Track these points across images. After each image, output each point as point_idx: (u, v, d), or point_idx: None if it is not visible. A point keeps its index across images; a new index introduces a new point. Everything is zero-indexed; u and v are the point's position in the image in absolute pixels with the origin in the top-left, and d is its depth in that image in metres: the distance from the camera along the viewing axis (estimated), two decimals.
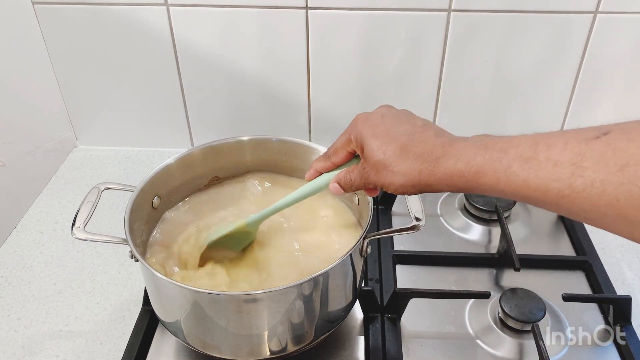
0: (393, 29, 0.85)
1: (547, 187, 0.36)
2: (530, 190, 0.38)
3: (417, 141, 0.45)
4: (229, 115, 0.96)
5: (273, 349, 0.57)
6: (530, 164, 0.37)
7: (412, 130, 0.46)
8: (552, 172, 0.36)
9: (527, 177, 0.37)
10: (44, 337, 0.67)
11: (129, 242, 0.54)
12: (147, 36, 0.87)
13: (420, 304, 0.69)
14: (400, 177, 0.45)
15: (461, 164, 0.42)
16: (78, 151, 1.03)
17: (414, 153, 0.44)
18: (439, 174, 0.43)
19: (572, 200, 0.36)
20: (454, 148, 0.43)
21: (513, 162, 0.38)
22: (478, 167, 0.40)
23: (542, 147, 0.37)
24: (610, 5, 0.80)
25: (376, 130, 0.48)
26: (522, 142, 0.39)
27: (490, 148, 0.40)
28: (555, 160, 0.36)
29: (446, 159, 0.43)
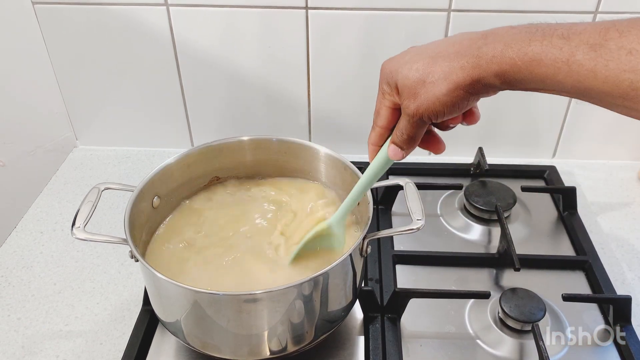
0: (393, 29, 0.85)
1: (618, 79, 0.32)
2: (597, 81, 0.33)
3: (451, 43, 0.40)
4: (229, 115, 0.97)
5: (273, 349, 0.57)
6: (599, 52, 0.33)
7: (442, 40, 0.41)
8: (625, 62, 0.32)
9: (595, 67, 0.33)
10: (44, 337, 0.67)
11: (129, 242, 0.54)
12: (147, 36, 0.87)
13: (420, 304, 0.69)
14: (440, 84, 0.39)
15: (512, 50, 0.36)
16: (78, 151, 1.03)
17: (448, 54, 0.39)
18: (484, 64, 0.37)
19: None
20: (500, 33, 0.37)
21: (577, 49, 0.34)
22: (533, 55, 0.35)
23: (613, 33, 0.33)
24: (610, 5, 0.81)
25: (402, 59, 0.43)
26: (587, 29, 0.34)
27: (547, 34, 0.35)
28: (630, 49, 0.32)
29: (492, 45, 0.37)
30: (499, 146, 0.96)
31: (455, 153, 0.96)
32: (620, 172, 0.95)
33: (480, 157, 0.90)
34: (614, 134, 0.95)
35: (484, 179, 0.87)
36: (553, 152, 0.98)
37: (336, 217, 0.59)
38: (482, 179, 0.88)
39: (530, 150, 0.97)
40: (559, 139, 0.96)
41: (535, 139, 0.96)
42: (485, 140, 0.93)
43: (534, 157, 0.98)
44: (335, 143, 0.74)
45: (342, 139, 0.95)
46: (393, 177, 0.68)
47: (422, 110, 0.41)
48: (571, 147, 0.97)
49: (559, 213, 0.85)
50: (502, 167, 0.92)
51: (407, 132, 0.45)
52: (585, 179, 0.94)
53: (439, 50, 0.40)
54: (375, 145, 0.50)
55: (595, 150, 0.97)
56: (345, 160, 0.66)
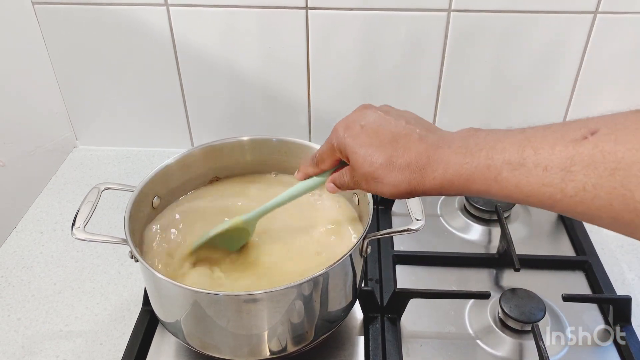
0: (393, 29, 0.85)
1: (539, 192, 0.36)
2: (523, 194, 0.37)
3: (402, 149, 0.44)
4: (229, 115, 0.97)
5: (273, 349, 0.57)
6: (520, 171, 0.37)
7: (394, 138, 0.45)
8: (542, 177, 0.36)
9: (519, 183, 0.37)
10: (44, 337, 0.67)
11: (129, 242, 0.54)
12: (147, 36, 0.87)
13: (420, 304, 0.69)
14: (390, 187, 0.45)
15: (449, 173, 0.42)
16: (78, 151, 1.03)
17: (399, 164, 0.44)
18: (427, 183, 0.43)
19: (565, 204, 0.35)
20: (439, 155, 0.42)
21: (502, 169, 0.38)
22: (467, 175, 0.40)
23: (529, 151, 0.37)
24: (610, 5, 0.80)
25: (358, 140, 0.47)
26: (507, 147, 0.38)
27: (475, 155, 0.40)
28: (545, 165, 0.36)
29: (433, 168, 0.43)
30: None
31: None
32: None
33: None
34: None
35: None
36: None
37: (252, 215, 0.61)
38: None
39: None
40: None
41: None
42: None
43: None
44: None
45: None
46: None
47: (369, 190, 0.48)
48: None
49: None
50: None
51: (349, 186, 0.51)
52: None
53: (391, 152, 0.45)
54: (307, 176, 0.57)
55: None
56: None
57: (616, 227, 0.34)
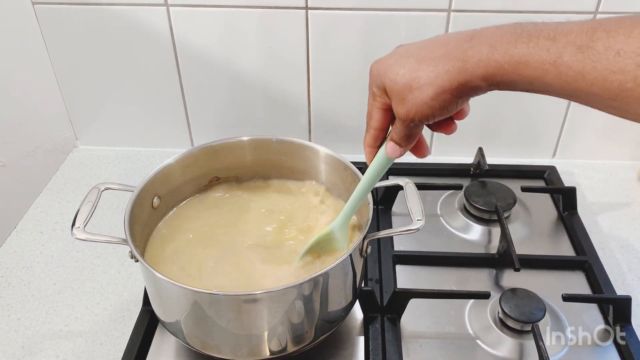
0: (393, 29, 0.85)
1: (607, 80, 0.32)
2: (585, 83, 0.33)
3: (437, 45, 0.39)
4: (229, 115, 0.96)
5: (273, 349, 0.57)
6: (587, 54, 0.32)
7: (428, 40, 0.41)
8: (613, 63, 0.32)
9: (583, 69, 0.33)
10: (44, 337, 0.67)
11: (128, 242, 0.54)
12: (147, 36, 0.87)
13: (420, 304, 0.69)
14: (427, 89, 0.39)
15: (498, 53, 0.36)
16: (78, 151, 1.03)
17: (434, 58, 0.39)
18: (470, 68, 0.37)
19: (634, 95, 0.31)
20: (485, 35, 0.37)
21: (564, 51, 0.33)
22: (520, 57, 0.35)
23: (600, 33, 0.33)
24: (610, 5, 0.80)
25: (389, 62, 0.43)
26: (574, 29, 0.34)
27: (534, 35, 0.35)
28: (618, 49, 0.32)
29: (477, 48, 0.37)
30: (499, 146, 0.96)
31: (455, 153, 0.96)
32: (620, 172, 0.95)
33: (480, 157, 0.90)
34: (614, 133, 0.95)
35: (484, 179, 0.87)
36: (553, 152, 0.98)
37: (338, 222, 0.59)
38: (482, 179, 0.88)
39: (530, 151, 0.97)
40: (559, 139, 0.96)
41: (535, 139, 0.96)
42: (485, 140, 0.93)
43: (534, 157, 0.98)
44: (335, 143, 0.74)
45: (342, 139, 0.95)
46: (393, 177, 0.68)
47: (412, 114, 0.42)
48: (571, 147, 0.97)
49: (559, 213, 0.85)
50: (502, 167, 0.91)
51: (402, 132, 0.46)
52: (585, 179, 0.94)
53: (424, 53, 0.40)
54: (372, 147, 0.51)
55: (595, 150, 0.97)
56: (345, 160, 0.66)
57: None
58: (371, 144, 0.50)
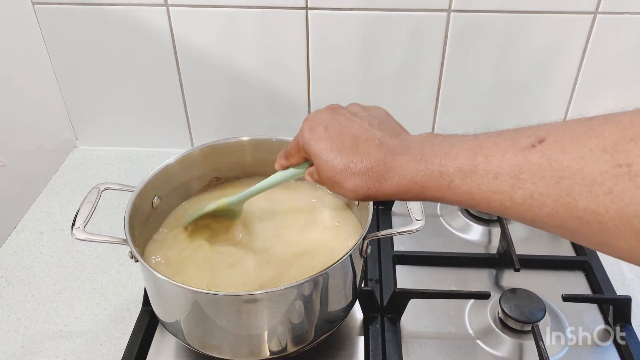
0: (393, 29, 0.85)
1: (490, 199, 0.37)
2: (475, 201, 0.38)
3: (361, 155, 0.45)
4: (229, 115, 0.97)
5: (273, 349, 0.57)
6: (472, 178, 0.38)
7: (355, 142, 0.46)
8: (493, 185, 0.36)
9: (470, 190, 0.38)
10: (44, 337, 0.67)
11: (129, 242, 0.54)
12: (147, 36, 0.87)
13: (420, 304, 0.69)
14: (350, 192, 0.46)
15: (405, 180, 0.43)
16: (78, 151, 1.03)
17: (358, 170, 0.45)
18: (385, 189, 0.44)
19: (514, 211, 0.36)
20: (396, 162, 0.43)
21: (454, 176, 0.39)
22: (422, 183, 0.41)
23: (480, 158, 0.37)
24: (610, 5, 0.80)
25: (321, 144, 0.48)
26: (460, 154, 0.39)
27: (430, 162, 0.41)
28: (495, 173, 0.36)
29: (390, 175, 0.44)
30: None
31: None
32: None
33: None
34: None
35: None
36: None
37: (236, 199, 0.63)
38: None
39: None
40: None
41: None
42: None
43: None
44: None
45: None
46: None
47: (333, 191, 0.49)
48: None
49: None
50: None
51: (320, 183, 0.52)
52: None
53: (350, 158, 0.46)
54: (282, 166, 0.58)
55: None
56: None
57: (563, 234, 0.35)
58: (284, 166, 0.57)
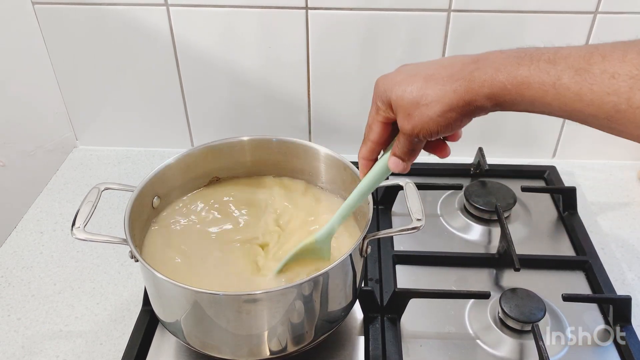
0: (393, 29, 0.85)
1: (602, 101, 0.34)
2: (583, 104, 0.35)
3: (443, 66, 0.41)
4: (229, 115, 0.97)
5: (273, 349, 0.57)
6: (584, 77, 0.35)
7: (433, 62, 0.43)
8: (608, 85, 0.34)
9: (580, 90, 0.35)
10: (44, 337, 0.67)
11: (129, 242, 0.54)
12: (147, 36, 0.87)
13: (420, 304, 0.69)
14: (434, 106, 0.41)
15: (502, 75, 0.38)
16: (78, 151, 1.03)
17: (441, 77, 0.41)
18: (476, 87, 0.39)
19: (628, 116, 0.33)
20: (490, 58, 0.40)
21: (563, 73, 0.36)
22: (522, 79, 0.37)
23: (596, 57, 0.35)
24: (610, 5, 0.80)
25: (395, 79, 0.44)
26: (572, 53, 0.36)
27: (535, 59, 0.37)
28: (613, 72, 0.34)
29: (483, 70, 0.39)
30: (499, 146, 0.96)
31: (455, 153, 0.95)
32: (620, 172, 0.95)
33: (480, 157, 0.90)
34: None
35: (484, 179, 0.87)
36: (553, 152, 0.98)
37: (323, 233, 0.58)
38: (482, 179, 0.88)
39: (530, 151, 0.97)
40: (559, 139, 0.96)
41: (535, 139, 0.96)
42: (485, 140, 0.93)
43: (534, 157, 0.98)
44: (335, 143, 0.74)
45: (342, 139, 0.95)
46: (393, 177, 0.67)
47: (417, 130, 0.43)
48: (571, 147, 0.97)
49: (559, 213, 0.85)
50: (502, 167, 0.91)
51: (406, 147, 0.47)
52: (585, 179, 0.94)
53: (431, 72, 0.42)
54: (368, 160, 0.51)
55: (595, 150, 0.97)
56: (345, 160, 0.66)
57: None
58: (367, 156, 0.51)
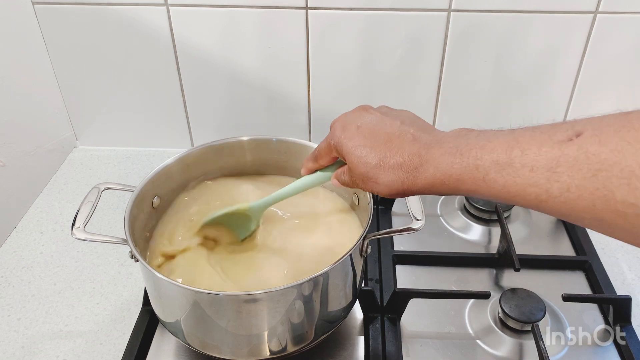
0: (393, 29, 0.85)
1: (526, 192, 0.37)
2: (510, 195, 0.38)
3: (395, 150, 0.46)
4: (229, 115, 0.96)
5: (273, 349, 0.57)
6: (507, 171, 0.38)
7: (389, 139, 0.47)
8: (529, 178, 0.36)
9: (506, 183, 0.38)
10: (44, 337, 0.67)
11: (129, 242, 0.54)
12: (147, 36, 0.87)
13: (420, 304, 0.69)
14: (384, 187, 0.46)
15: (440, 173, 0.43)
16: (78, 151, 1.03)
17: (392, 164, 0.45)
18: (420, 183, 0.44)
19: (550, 205, 0.36)
20: (431, 155, 0.44)
21: (490, 169, 0.39)
22: (457, 176, 0.41)
23: (516, 152, 0.38)
24: (610, 5, 0.80)
25: (354, 142, 0.48)
26: (496, 148, 0.39)
27: (465, 155, 0.41)
28: (531, 166, 0.36)
29: (425, 168, 0.44)
30: None
31: None
32: None
33: None
34: None
35: None
36: None
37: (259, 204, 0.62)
38: None
39: None
40: None
41: None
42: None
43: None
44: None
45: None
46: None
47: (366, 189, 0.49)
48: None
49: None
50: None
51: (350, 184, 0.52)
52: None
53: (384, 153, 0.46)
54: (309, 170, 0.57)
55: None
56: None
57: (599, 227, 0.35)
58: (311, 169, 0.57)
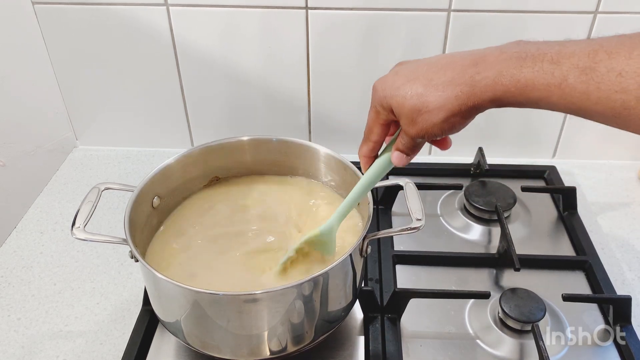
0: (393, 29, 0.85)
1: (610, 99, 0.34)
2: (590, 102, 0.35)
3: (442, 68, 0.41)
4: (229, 115, 0.97)
5: (273, 349, 0.57)
6: (590, 76, 0.34)
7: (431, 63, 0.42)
8: (616, 83, 0.33)
9: (587, 90, 0.34)
10: (44, 337, 0.67)
11: (128, 242, 0.54)
12: (147, 36, 0.87)
13: (420, 304, 0.69)
14: (437, 113, 0.41)
15: (505, 78, 0.38)
16: (78, 151, 1.03)
17: (442, 83, 0.40)
18: (478, 92, 0.39)
19: (637, 112, 0.33)
20: (490, 60, 0.39)
21: (569, 74, 0.35)
22: (526, 81, 0.37)
23: (602, 55, 0.34)
24: (610, 5, 0.80)
25: (395, 84, 0.44)
26: (576, 51, 0.35)
27: (538, 59, 0.36)
28: (620, 70, 0.33)
29: (483, 74, 0.39)
30: (499, 146, 0.96)
31: (455, 153, 0.96)
32: (620, 172, 0.95)
33: (480, 157, 0.90)
34: (614, 134, 0.94)
35: (484, 179, 0.87)
36: (553, 152, 0.98)
37: (327, 226, 0.57)
38: (482, 179, 0.88)
39: (530, 150, 0.97)
40: (559, 139, 0.96)
41: (535, 139, 0.96)
42: (485, 140, 0.93)
43: (534, 157, 0.98)
44: (335, 143, 0.74)
45: (342, 139, 0.95)
46: (393, 177, 0.67)
47: (421, 134, 0.44)
48: (571, 147, 0.97)
49: (559, 213, 0.85)
50: (502, 167, 0.92)
51: (410, 144, 0.47)
52: (585, 179, 0.94)
53: (430, 76, 0.41)
54: (368, 158, 0.52)
55: (595, 150, 0.97)
56: (345, 160, 0.66)
57: None
58: (368, 154, 0.52)
